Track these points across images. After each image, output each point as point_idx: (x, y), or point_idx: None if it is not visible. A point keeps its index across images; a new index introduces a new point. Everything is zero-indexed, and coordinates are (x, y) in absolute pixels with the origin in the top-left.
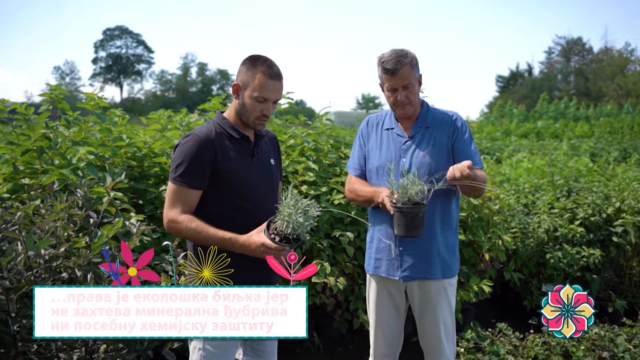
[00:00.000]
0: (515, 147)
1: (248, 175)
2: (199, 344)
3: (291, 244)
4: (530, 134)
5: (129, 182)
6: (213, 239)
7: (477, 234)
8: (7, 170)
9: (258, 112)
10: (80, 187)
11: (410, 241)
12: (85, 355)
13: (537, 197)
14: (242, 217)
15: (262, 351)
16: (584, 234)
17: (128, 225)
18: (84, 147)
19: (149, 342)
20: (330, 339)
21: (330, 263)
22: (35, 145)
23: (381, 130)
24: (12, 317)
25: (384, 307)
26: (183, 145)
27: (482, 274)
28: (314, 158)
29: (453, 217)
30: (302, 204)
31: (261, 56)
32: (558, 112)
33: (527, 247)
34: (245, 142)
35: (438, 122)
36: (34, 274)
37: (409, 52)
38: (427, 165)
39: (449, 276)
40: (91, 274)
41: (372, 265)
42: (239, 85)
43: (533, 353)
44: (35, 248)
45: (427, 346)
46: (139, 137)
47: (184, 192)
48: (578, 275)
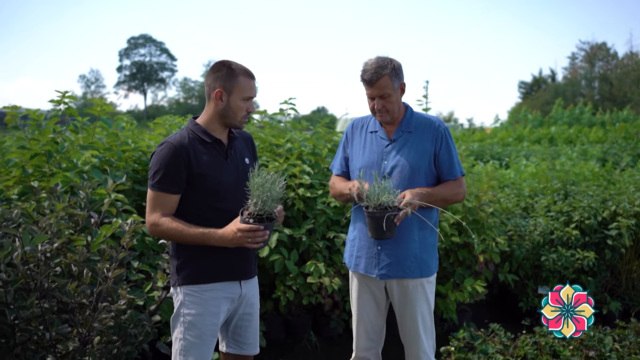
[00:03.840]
0: (527, 153)
1: (222, 177)
2: (179, 335)
3: (265, 222)
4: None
5: (133, 184)
6: (193, 235)
7: (470, 236)
8: (17, 173)
9: (244, 111)
10: (83, 189)
11: (388, 241)
12: (79, 346)
13: (535, 201)
14: (220, 217)
15: (244, 342)
16: (579, 236)
17: (122, 224)
18: (89, 151)
19: (145, 335)
20: (328, 338)
21: (326, 264)
22: (43, 149)
23: (365, 133)
24: (10, 308)
25: (365, 303)
26: (159, 154)
27: (478, 275)
28: (312, 162)
29: (431, 217)
30: (268, 178)
31: (231, 61)
32: (573, 118)
33: (522, 249)
34: (217, 145)
35: (421, 128)
36: (30, 268)
37: (391, 61)
38: (408, 169)
39: (427, 274)
40: (86, 270)
41: (352, 263)
42: (222, 90)
43: (523, 352)
44: (32, 244)
45: (407, 341)
46: (144, 141)
47: (162, 197)
48: (573, 278)
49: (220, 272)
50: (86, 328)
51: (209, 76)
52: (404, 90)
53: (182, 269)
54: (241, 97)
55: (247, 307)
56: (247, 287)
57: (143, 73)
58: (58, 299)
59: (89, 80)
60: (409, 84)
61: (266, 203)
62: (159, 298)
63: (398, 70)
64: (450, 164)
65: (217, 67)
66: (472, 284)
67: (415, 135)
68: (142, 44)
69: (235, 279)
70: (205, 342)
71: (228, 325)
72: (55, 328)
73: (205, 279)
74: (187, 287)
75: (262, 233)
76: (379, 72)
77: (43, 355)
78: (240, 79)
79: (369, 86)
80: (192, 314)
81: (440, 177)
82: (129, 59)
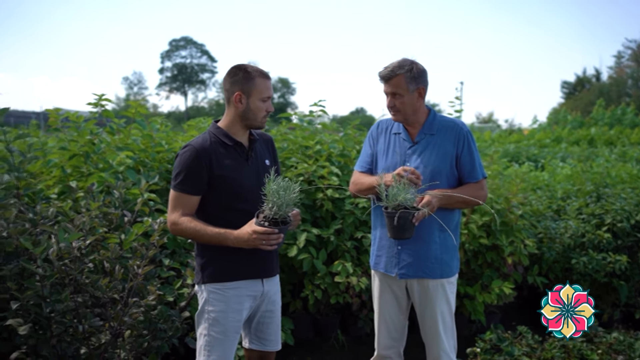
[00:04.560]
0: (564, 154)
1: (243, 179)
2: (204, 331)
3: (279, 226)
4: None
5: (165, 184)
6: (210, 235)
7: (499, 238)
8: (57, 173)
9: (263, 111)
10: (117, 189)
11: (408, 241)
12: (111, 339)
13: (567, 203)
14: (239, 218)
15: (267, 339)
16: (611, 239)
17: (152, 223)
18: (124, 152)
19: (175, 331)
20: (355, 337)
21: (354, 264)
22: (81, 150)
23: (389, 135)
24: (46, 301)
25: (386, 302)
26: (181, 156)
27: (506, 277)
28: (341, 163)
29: (452, 219)
30: (282, 185)
31: (246, 64)
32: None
33: (552, 252)
34: (239, 148)
35: (443, 130)
36: (65, 263)
37: (413, 64)
38: (430, 171)
39: (447, 275)
40: (118, 266)
41: (373, 261)
42: (241, 94)
43: (550, 355)
44: (66, 241)
45: (428, 340)
46: (177, 143)
47: (183, 197)
48: (605, 281)
49: (242, 270)
50: (117, 322)
51: (226, 81)
52: (422, 95)
53: (206, 267)
54: (259, 97)
55: (269, 304)
56: (268, 284)
57: (184, 75)
58: (91, 293)
59: (132, 82)
60: (448, 84)
61: (281, 208)
62: (189, 295)
63: (417, 74)
64: (472, 166)
65: (233, 72)
66: (500, 286)
67: (438, 138)
68: (183, 46)
69: (257, 277)
70: (229, 338)
71: (250, 322)
72: (88, 321)
73: (228, 277)
74: (211, 285)
75: (276, 236)
76: (395, 71)
77: (77, 347)
78: (257, 80)
79: (383, 82)
80: (216, 310)
81: (462, 179)
82: (170, 60)
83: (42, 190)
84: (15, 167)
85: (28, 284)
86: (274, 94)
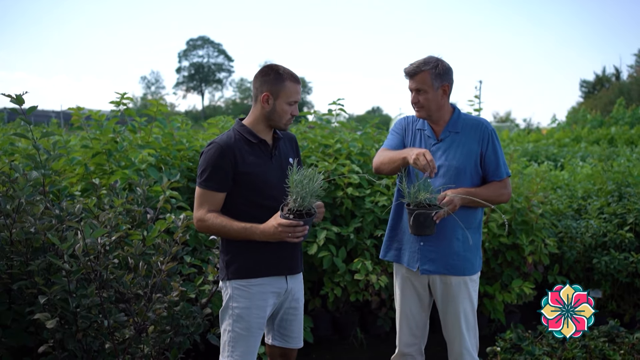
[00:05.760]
0: (584, 154)
1: (267, 176)
2: (228, 327)
3: (304, 218)
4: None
5: (187, 182)
6: (236, 230)
7: (519, 237)
8: (80, 170)
9: (288, 114)
10: (140, 186)
11: (431, 237)
12: (135, 334)
13: (588, 202)
14: (264, 213)
15: (289, 336)
16: (633, 239)
17: (175, 219)
18: (146, 149)
19: (196, 327)
20: (374, 335)
21: (373, 262)
22: (104, 148)
23: (414, 130)
24: (72, 296)
25: (408, 299)
26: (207, 153)
27: (527, 277)
28: (361, 162)
29: (475, 217)
30: (305, 175)
31: (279, 65)
32: (635, 118)
33: (573, 251)
34: (263, 145)
35: (468, 128)
36: (90, 259)
37: (439, 61)
38: (454, 169)
39: (470, 273)
40: (142, 262)
41: (393, 254)
42: (269, 94)
43: (571, 355)
44: (92, 237)
45: (450, 338)
46: (198, 141)
47: (209, 194)
48: (627, 282)
49: (267, 267)
50: (141, 317)
51: (256, 79)
52: (446, 92)
53: (231, 264)
54: (287, 101)
55: (293, 301)
56: (292, 282)
57: (201, 74)
58: (116, 289)
59: (149, 81)
60: (466, 83)
61: (305, 199)
62: (210, 291)
63: (442, 71)
64: (496, 165)
65: (265, 71)
66: (520, 285)
67: (462, 136)
68: (200, 46)
69: (281, 274)
70: (253, 334)
71: (274, 319)
72: (113, 316)
73: (253, 274)
74: (236, 281)
75: (302, 228)
76: (420, 67)
77: (102, 341)
78: (287, 83)
79: (408, 78)
80: (240, 307)
81: (486, 178)
82: (187, 60)
83: (66, 187)
84: (41, 165)
85: (55, 279)
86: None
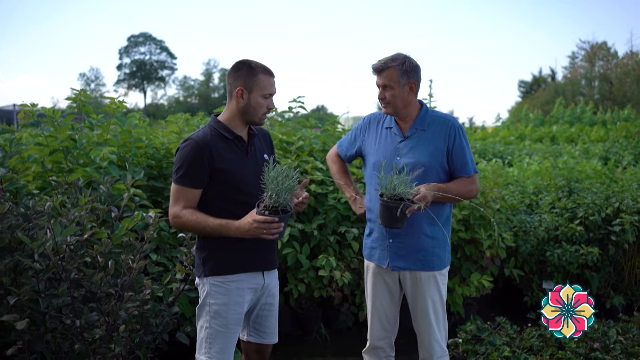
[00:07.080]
0: (529, 151)
1: (243, 172)
2: (205, 324)
3: (280, 214)
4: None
5: (148, 180)
6: (212, 227)
7: (478, 232)
8: (37, 168)
9: (264, 108)
10: (104, 184)
11: (399, 234)
12: (106, 334)
13: (539, 198)
14: (241, 209)
15: (265, 332)
16: (583, 232)
17: (146, 217)
18: (106, 147)
19: (164, 326)
20: (337, 331)
21: (337, 258)
22: (61, 145)
23: (381, 128)
24: (42, 297)
25: (379, 294)
26: (182, 150)
27: (484, 270)
28: (323, 159)
29: (443, 212)
30: (280, 172)
31: (251, 60)
32: (574, 117)
33: (528, 245)
34: (239, 141)
35: (434, 125)
36: (60, 258)
37: (407, 58)
38: (421, 166)
39: (439, 268)
40: (111, 261)
41: (368, 252)
42: (242, 89)
43: (529, 344)
44: (62, 235)
45: (420, 330)
46: (158, 138)
47: (185, 191)
48: (577, 273)
49: (244, 263)
50: (113, 316)
51: (230, 75)
52: (413, 89)
53: (208, 260)
54: (261, 94)
55: (269, 297)
56: (269, 277)
57: (143, 71)
58: (87, 288)
59: (88, 78)
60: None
61: (280, 195)
62: (177, 290)
63: (409, 68)
64: (463, 161)
65: (237, 66)
66: (478, 279)
67: (429, 133)
68: (142, 42)
69: (258, 269)
70: (231, 331)
71: (250, 314)
72: (84, 316)
73: (231, 270)
74: (213, 278)
75: (277, 225)
76: (387, 63)
77: (72, 342)
78: (260, 77)
79: (376, 74)
80: (218, 303)
81: (454, 174)
82: (129, 57)
83: (25, 185)
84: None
85: (23, 279)
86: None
